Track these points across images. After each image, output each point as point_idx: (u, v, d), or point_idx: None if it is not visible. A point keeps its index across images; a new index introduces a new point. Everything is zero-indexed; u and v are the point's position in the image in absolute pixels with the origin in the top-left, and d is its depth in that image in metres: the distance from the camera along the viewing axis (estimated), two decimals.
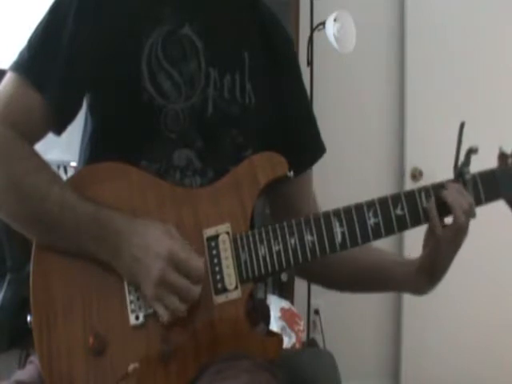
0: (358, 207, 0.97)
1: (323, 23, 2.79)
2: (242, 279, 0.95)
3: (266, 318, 1.11)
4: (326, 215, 0.97)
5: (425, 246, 1.03)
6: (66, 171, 2.13)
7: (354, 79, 3.08)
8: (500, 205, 1.03)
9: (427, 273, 1.03)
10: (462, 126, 0.98)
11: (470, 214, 0.97)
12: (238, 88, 1.05)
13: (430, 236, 1.00)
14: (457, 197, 0.97)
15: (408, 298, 2.93)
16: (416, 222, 0.99)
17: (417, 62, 3.01)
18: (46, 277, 0.94)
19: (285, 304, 2.48)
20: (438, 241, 0.98)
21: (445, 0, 3.03)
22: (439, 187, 0.99)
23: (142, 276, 0.90)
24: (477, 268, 2.87)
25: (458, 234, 0.98)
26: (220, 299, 0.94)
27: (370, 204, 0.97)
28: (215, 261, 0.95)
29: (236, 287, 0.94)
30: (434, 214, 0.97)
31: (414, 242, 1.08)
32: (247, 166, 1.01)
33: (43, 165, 0.97)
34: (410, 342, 3.00)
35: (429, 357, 2.95)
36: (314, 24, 2.93)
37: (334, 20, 2.69)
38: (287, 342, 2.30)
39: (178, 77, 1.01)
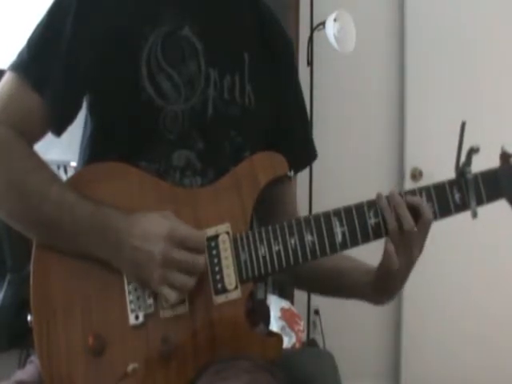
0: (359, 207, 0.97)
1: (323, 23, 2.80)
2: (241, 279, 0.94)
3: (266, 319, 1.11)
4: (327, 215, 0.96)
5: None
6: (66, 171, 2.13)
7: (354, 79, 3.08)
8: (500, 204, 1.03)
9: (380, 284, 1.00)
10: (463, 125, 0.98)
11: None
12: (237, 89, 1.05)
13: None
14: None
15: (408, 299, 2.93)
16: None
17: (417, 62, 3.01)
18: (46, 277, 0.94)
19: (285, 304, 2.48)
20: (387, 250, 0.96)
21: (445, 0, 3.03)
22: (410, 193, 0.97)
23: (145, 262, 0.89)
24: (477, 269, 2.87)
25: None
26: (220, 299, 0.94)
27: (371, 204, 0.97)
28: (215, 261, 0.94)
29: (236, 287, 0.94)
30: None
31: None
32: (247, 165, 1.00)
33: (42, 164, 0.97)
34: (409, 343, 3.00)
35: (429, 357, 2.95)
36: (314, 24, 2.94)
37: (334, 20, 2.69)
38: (287, 342, 2.29)
39: (178, 78, 1.01)
